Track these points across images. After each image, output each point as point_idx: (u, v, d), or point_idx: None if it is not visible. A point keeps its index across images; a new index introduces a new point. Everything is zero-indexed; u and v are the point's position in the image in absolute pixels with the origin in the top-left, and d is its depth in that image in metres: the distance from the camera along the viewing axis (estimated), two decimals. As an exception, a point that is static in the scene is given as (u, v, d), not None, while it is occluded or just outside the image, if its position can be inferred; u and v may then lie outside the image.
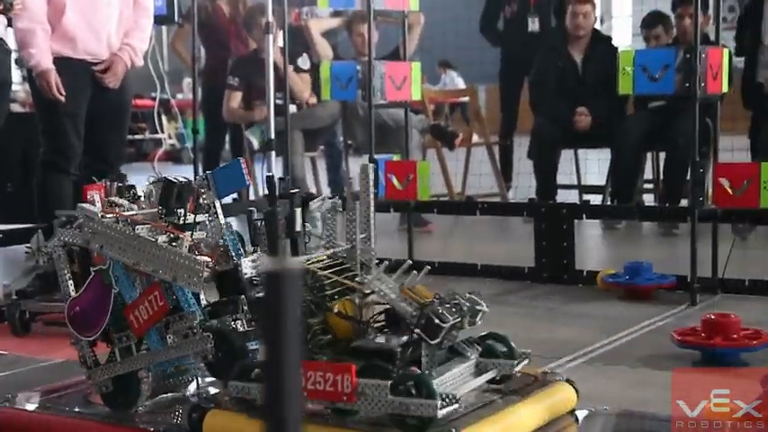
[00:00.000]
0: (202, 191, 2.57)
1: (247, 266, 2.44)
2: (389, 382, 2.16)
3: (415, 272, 2.36)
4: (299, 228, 2.36)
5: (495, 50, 7.91)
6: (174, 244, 2.49)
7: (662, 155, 6.67)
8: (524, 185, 7.06)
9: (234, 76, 7.12)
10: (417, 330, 2.23)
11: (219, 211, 2.56)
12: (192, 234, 2.54)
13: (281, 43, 5.84)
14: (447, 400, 2.15)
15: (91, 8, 4.38)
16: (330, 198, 2.61)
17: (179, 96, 13.52)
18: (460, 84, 16.57)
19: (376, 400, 2.18)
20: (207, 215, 2.57)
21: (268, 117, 5.60)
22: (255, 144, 7.05)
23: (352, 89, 4.90)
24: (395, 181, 4.81)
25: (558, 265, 4.69)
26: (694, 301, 4.17)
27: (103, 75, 4.45)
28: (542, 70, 6.75)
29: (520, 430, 2.36)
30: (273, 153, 5.49)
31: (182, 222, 2.58)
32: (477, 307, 2.37)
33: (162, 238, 2.51)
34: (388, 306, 2.34)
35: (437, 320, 2.22)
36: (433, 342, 2.23)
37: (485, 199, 6.93)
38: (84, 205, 2.58)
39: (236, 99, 7.13)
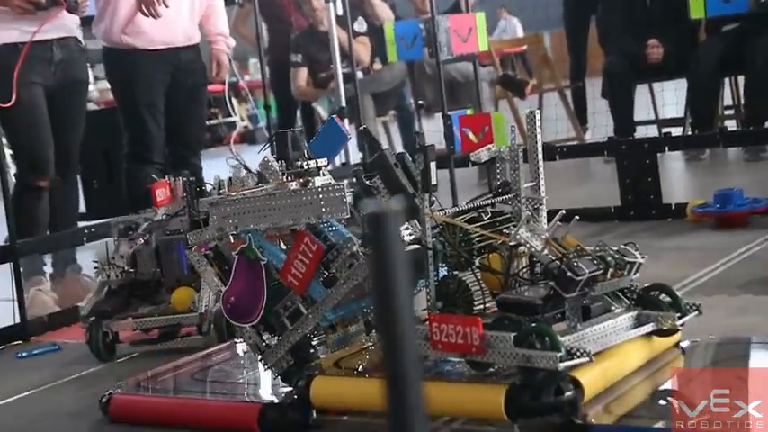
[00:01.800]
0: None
1: (404, 233, 2.41)
2: (513, 334, 2.16)
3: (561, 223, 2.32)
4: (434, 181, 2.34)
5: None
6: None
7: (740, 79, 6.50)
8: (601, 126, 6.95)
9: (296, 53, 7.14)
10: (551, 283, 2.21)
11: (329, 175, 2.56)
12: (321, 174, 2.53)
13: (338, 11, 5.83)
14: (577, 353, 2.13)
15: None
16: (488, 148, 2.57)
17: (246, 78, 13.60)
18: (519, 31, 16.33)
19: (503, 352, 2.18)
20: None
21: (336, 85, 5.62)
22: (325, 114, 7.07)
23: (417, 47, 4.88)
24: (470, 135, 4.77)
25: (645, 201, 4.62)
26: (791, 221, 4.08)
27: (216, 73, 4.58)
28: (609, 7, 6.62)
29: (627, 365, 2.35)
30: (347, 120, 5.50)
31: (305, 169, 2.54)
32: (628, 258, 2.33)
33: (292, 186, 2.50)
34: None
35: (570, 273, 2.19)
36: (567, 295, 2.20)
37: (562, 144, 6.85)
38: (203, 199, 2.61)
39: (302, 76, 7.14)
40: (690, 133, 6.32)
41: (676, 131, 6.72)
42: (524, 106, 7.43)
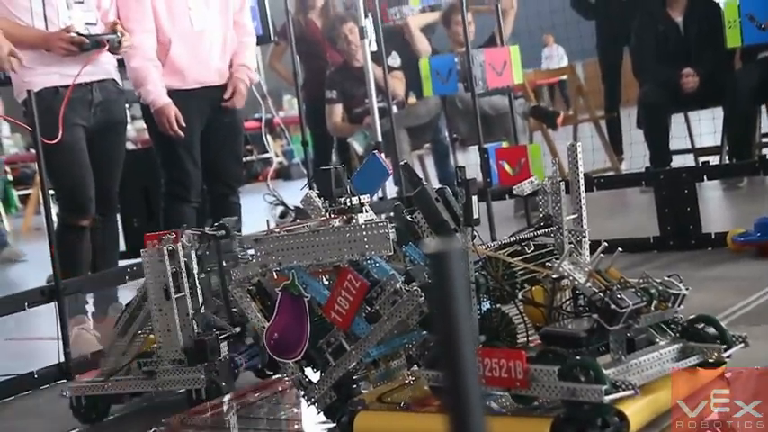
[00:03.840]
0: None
1: None
2: (558, 368, 2.16)
3: (602, 255, 2.32)
4: (476, 215, 2.35)
5: (590, 23, 7.80)
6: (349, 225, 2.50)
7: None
8: (637, 156, 6.93)
9: (331, 90, 7.19)
10: (595, 316, 2.21)
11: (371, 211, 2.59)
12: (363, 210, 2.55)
13: (373, 47, 5.87)
14: (622, 386, 2.12)
15: (196, 38, 4.51)
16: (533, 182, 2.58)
17: (281, 114, 13.73)
18: (564, 59, 16.36)
19: (547, 386, 2.18)
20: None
21: (372, 120, 5.65)
22: (360, 150, 7.11)
23: (452, 82, 4.91)
24: (507, 167, 4.78)
25: (684, 230, 4.59)
26: (832, 250, 4.03)
27: (230, 99, 4.60)
28: (642, 36, 6.62)
29: (671, 398, 2.33)
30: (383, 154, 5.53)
31: (348, 206, 2.56)
32: (672, 290, 2.32)
33: (335, 223, 2.53)
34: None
35: (613, 306, 2.18)
36: (611, 328, 2.20)
37: (599, 174, 6.83)
38: (250, 234, 2.64)
39: (337, 113, 7.19)
40: (728, 162, 6.27)
41: (714, 160, 6.69)
42: (559, 138, 7.43)
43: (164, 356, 3.04)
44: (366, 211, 2.63)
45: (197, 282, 3.08)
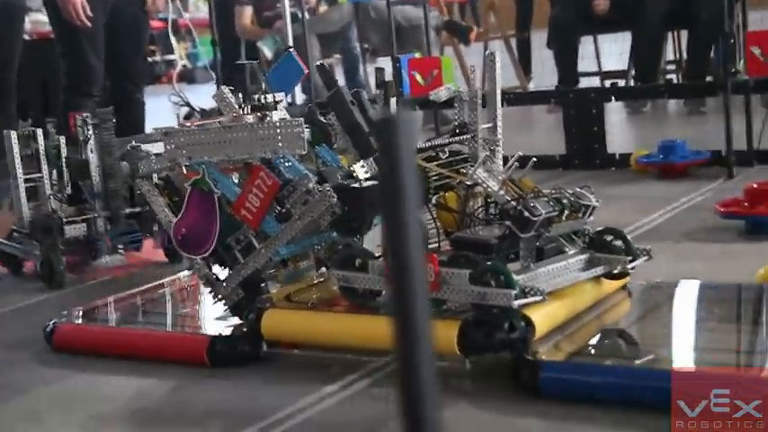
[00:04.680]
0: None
1: (360, 171, 2.41)
2: (468, 272, 2.16)
3: (516, 164, 2.31)
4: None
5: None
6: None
7: (683, 33, 6.57)
8: (545, 75, 6.98)
9: (241, -9, 7.01)
10: (508, 222, 2.21)
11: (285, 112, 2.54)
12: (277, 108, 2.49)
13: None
14: (531, 292, 2.14)
15: None
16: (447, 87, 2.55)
17: (186, 16, 13.32)
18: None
19: (458, 289, 2.18)
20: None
21: (284, 24, 5.54)
22: (270, 54, 6.98)
23: (368, -12, 4.83)
24: (419, 78, 4.75)
25: (590, 150, 4.66)
26: (731, 174, 4.15)
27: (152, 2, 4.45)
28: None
29: (577, 305, 2.38)
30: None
31: (262, 103, 2.51)
32: (583, 201, 2.34)
33: (248, 119, 2.46)
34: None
35: (527, 214, 2.19)
36: (522, 235, 2.21)
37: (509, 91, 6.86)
38: (158, 126, 2.57)
39: (246, 15, 7.03)
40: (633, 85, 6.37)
41: (620, 84, 6.78)
42: (469, 54, 7.42)
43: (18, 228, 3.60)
44: (280, 110, 2.58)
45: (64, 165, 3.57)
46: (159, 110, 5.58)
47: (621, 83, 6.61)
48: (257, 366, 2.49)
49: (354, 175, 2.41)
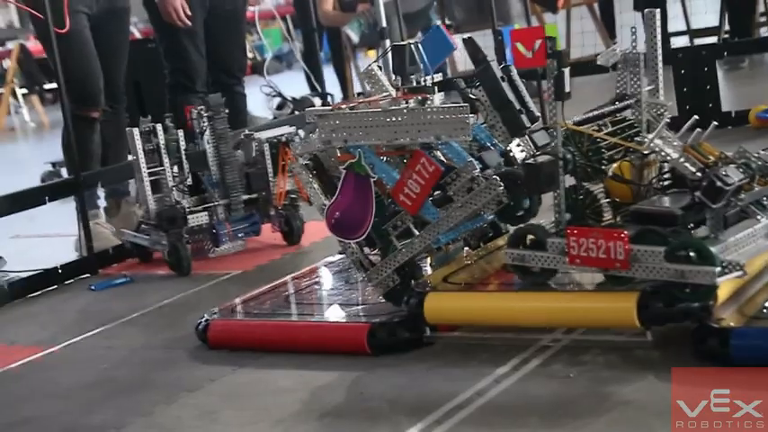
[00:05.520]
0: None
1: (516, 151, 2.36)
2: (664, 248, 2.09)
3: (699, 129, 2.22)
4: (568, 88, 2.25)
5: None
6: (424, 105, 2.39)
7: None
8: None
9: (321, -23, 6.96)
10: (698, 194, 2.13)
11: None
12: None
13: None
14: (728, 267, 2.06)
15: None
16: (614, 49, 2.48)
17: (251, 9, 13.33)
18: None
19: (651, 267, 2.10)
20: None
21: (376, 4, 5.49)
22: (355, 38, 6.93)
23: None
24: (522, 49, 4.65)
25: (704, 109, 4.53)
26: None
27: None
28: None
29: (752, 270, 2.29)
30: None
31: (422, 85, 2.47)
32: None
33: (409, 103, 2.41)
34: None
35: (719, 183, 2.10)
36: (714, 206, 2.12)
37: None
38: (313, 108, 2.55)
39: (328, 1, 6.96)
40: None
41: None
42: (549, 21, 7.28)
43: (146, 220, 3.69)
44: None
45: (183, 157, 3.66)
46: (250, 101, 5.57)
47: (713, 41, 6.42)
48: (419, 352, 2.46)
49: (511, 155, 2.35)
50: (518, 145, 2.37)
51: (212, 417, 2.29)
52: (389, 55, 2.53)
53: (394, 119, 2.35)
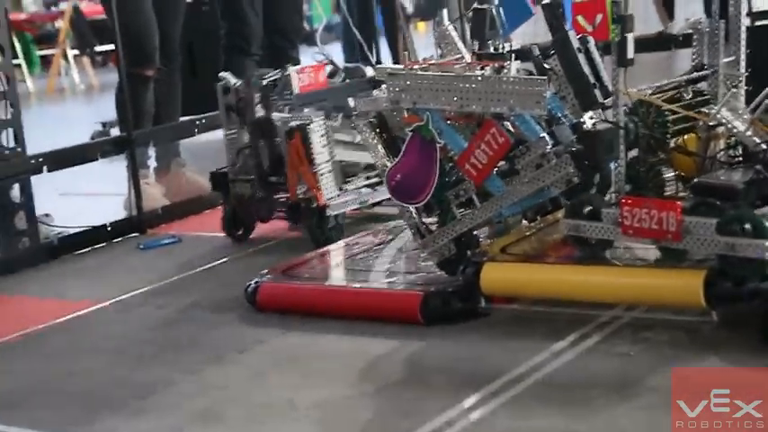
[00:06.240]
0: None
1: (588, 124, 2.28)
2: (715, 221, 2.02)
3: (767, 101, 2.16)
4: (631, 55, 2.17)
5: None
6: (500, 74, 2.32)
7: None
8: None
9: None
10: (759, 167, 2.06)
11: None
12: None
13: None
14: None
15: None
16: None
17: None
18: None
19: (702, 240, 2.04)
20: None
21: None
22: (410, 7, 6.86)
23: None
24: (583, 22, 4.55)
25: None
26: None
27: None
28: None
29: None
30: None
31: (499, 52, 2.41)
32: None
33: (485, 71, 2.34)
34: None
35: None
36: None
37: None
38: (383, 66, 2.49)
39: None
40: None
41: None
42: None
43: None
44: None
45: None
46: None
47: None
48: (475, 323, 2.40)
49: (585, 127, 2.28)
50: (591, 118, 2.30)
51: (261, 378, 2.26)
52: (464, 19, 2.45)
53: (467, 85, 2.28)
